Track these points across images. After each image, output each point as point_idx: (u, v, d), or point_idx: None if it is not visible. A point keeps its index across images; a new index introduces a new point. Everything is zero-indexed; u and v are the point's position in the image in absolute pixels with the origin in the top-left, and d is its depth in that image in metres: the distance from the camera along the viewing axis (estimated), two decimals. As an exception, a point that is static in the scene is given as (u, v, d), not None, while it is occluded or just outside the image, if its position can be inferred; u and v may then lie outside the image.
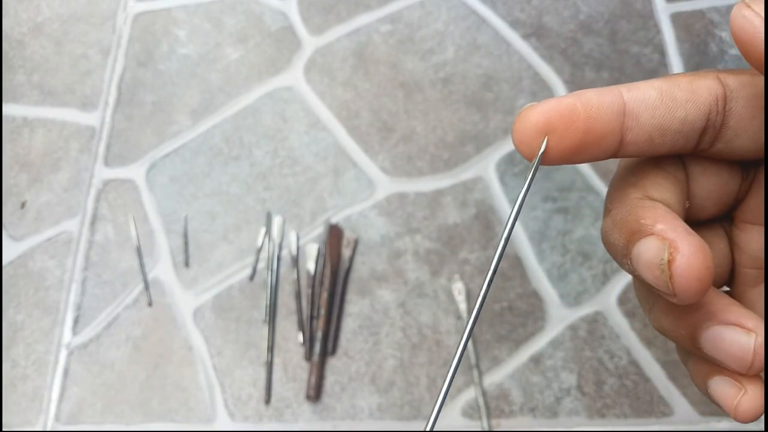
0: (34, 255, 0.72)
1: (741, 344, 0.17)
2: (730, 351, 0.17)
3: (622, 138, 0.17)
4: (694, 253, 0.15)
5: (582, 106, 0.17)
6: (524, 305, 0.66)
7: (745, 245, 0.19)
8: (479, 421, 0.62)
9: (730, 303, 0.17)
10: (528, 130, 0.17)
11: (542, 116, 0.17)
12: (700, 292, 0.16)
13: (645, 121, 0.17)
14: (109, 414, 0.65)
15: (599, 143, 0.17)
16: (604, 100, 0.17)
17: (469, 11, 0.82)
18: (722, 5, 0.80)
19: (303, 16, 0.84)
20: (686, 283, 0.15)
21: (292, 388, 0.64)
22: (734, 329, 0.17)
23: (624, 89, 0.17)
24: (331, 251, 0.68)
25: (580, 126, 0.16)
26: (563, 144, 0.17)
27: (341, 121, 0.77)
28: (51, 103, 0.81)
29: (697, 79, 0.17)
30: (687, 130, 0.17)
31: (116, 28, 0.85)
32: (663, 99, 0.17)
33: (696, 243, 0.16)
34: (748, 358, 0.16)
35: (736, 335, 0.17)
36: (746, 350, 0.16)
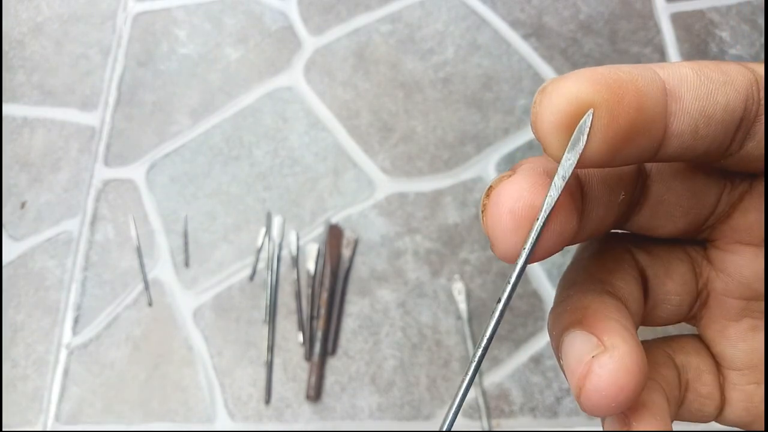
0: (34, 255, 0.72)
1: (581, 354, 0.13)
2: (569, 359, 0.14)
3: (666, 127, 0.13)
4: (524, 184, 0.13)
5: (627, 76, 0.12)
6: (524, 305, 0.66)
7: (735, 270, 0.16)
8: (479, 421, 0.62)
9: (613, 317, 0.14)
10: (564, 106, 0.12)
11: (586, 86, 0.12)
12: (512, 234, 0.13)
13: (689, 104, 0.13)
14: (109, 414, 0.65)
15: (649, 129, 0.13)
16: (645, 74, 0.13)
17: (469, 11, 0.82)
18: (722, 5, 0.80)
19: (303, 16, 0.84)
20: (497, 216, 0.13)
21: (292, 388, 0.64)
22: (589, 337, 0.13)
23: (656, 67, 0.13)
24: (331, 251, 0.68)
25: (632, 101, 0.12)
26: (613, 126, 0.12)
27: (341, 121, 0.77)
28: (51, 103, 0.81)
29: (724, 63, 0.14)
30: (729, 120, 0.13)
31: (116, 28, 0.85)
32: (701, 79, 0.13)
33: (536, 179, 0.13)
34: (578, 373, 0.13)
35: (586, 343, 0.13)
36: (580, 361, 0.13)
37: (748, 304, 0.16)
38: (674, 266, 0.17)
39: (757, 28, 0.79)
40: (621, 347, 0.13)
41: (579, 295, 0.15)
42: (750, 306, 0.16)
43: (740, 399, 0.16)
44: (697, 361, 0.17)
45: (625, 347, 0.13)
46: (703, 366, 0.16)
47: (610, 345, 0.13)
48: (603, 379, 0.13)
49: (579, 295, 0.15)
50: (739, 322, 0.16)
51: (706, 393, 0.16)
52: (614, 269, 0.16)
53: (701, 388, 0.16)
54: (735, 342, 0.16)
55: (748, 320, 0.16)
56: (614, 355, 0.13)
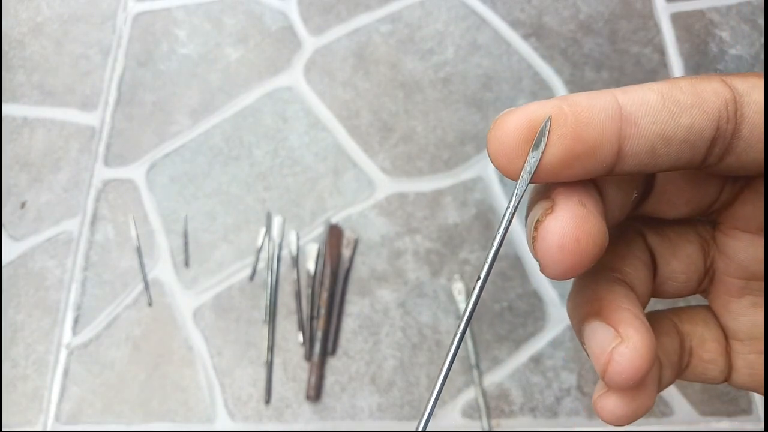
0: (34, 255, 0.72)
1: (603, 345, 0.16)
2: (593, 348, 0.16)
3: (620, 148, 0.14)
4: (568, 219, 0.14)
5: (570, 109, 0.14)
6: (524, 305, 0.66)
7: (734, 254, 0.17)
8: (479, 421, 0.62)
9: (624, 306, 0.16)
10: (507, 138, 0.14)
11: (524, 121, 0.14)
12: (563, 263, 0.14)
13: (645, 127, 0.14)
14: (109, 414, 0.65)
15: (593, 154, 0.14)
16: (595, 104, 0.14)
17: (469, 11, 0.82)
18: (722, 5, 0.80)
19: (303, 16, 0.84)
20: (547, 249, 0.14)
21: (292, 388, 0.64)
22: (607, 328, 0.16)
23: (618, 92, 0.15)
24: (331, 251, 0.68)
25: (568, 132, 0.14)
26: (549, 155, 0.14)
27: (341, 121, 0.77)
28: (51, 103, 0.81)
29: (701, 81, 0.15)
30: (694, 140, 0.14)
31: (116, 28, 0.85)
32: (665, 103, 0.14)
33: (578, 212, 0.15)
34: (602, 360, 0.15)
35: (606, 334, 0.16)
36: (603, 351, 0.15)
37: (748, 283, 0.18)
38: (681, 247, 0.18)
39: (757, 28, 0.79)
40: (634, 337, 0.15)
41: (593, 284, 0.17)
42: (750, 285, 0.18)
43: (744, 366, 0.18)
44: (702, 330, 0.19)
45: (637, 336, 0.15)
46: (707, 335, 0.19)
47: (626, 336, 0.15)
48: (622, 365, 0.15)
49: (593, 284, 0.17)
50: (740, 299, 0.18)
51: (709, 359, 0.18)
52: (625, 255, 0.18)
53: (704, 354, 0.18)
54: (736, 316, 0.18)
55: (750, 297, 0.18)
56: (629, 345, 0.15)
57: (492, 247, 0.16)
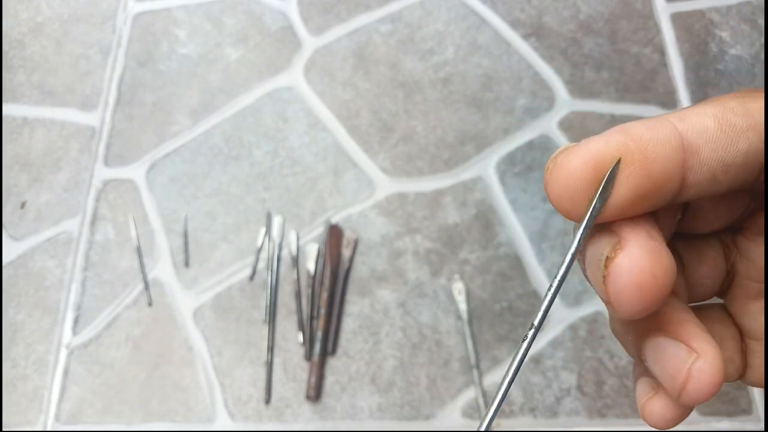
0: (34, 255, 0.72)
1: (677, 362, 0.15)
2: (666, 367, 0.15)
3: (683, 179, 0.14)
4: (642, 256, 0.13)
5: (635, 145, 0.13)
6: (524, 305, 0.66)
7: (755, 258, 0.17)
8: (479, 421, 0.62)
9: (687, 319, 0.15)
10: (572, 181, 0.13)
11: (590, 163, 0.13)
12: (640, 304, 0.13)
13: (707, 156, 0.13)
14: (109, 414, 0.65)
15: (661, 189, 0.14)
16: (659, 136, 0.13)
17: (469, 11, 0.82)
18: (722, 5, 0.80)
19: (303, 16, 0.84)
20: (622, 289, 0.13)
21: (292, 388, 0.64)
22: (677, 345, 0.15)
23: (675, 119, 0.14)
24: (331, 251, 0.68)
25: (636, 171, 0.13)
26: (618, 195, 0.13)
27: (341, 121, 0.77)
28: (51, 103, 0.81)
29: (750, 100, 0.14)
30: (751, 163, 0.14)
31: (116, 28, 0.85)
32: (722, 128, 0.14)
33: (651, 246, 0.13)
34: (680, 379, 0.15)
35: (677, 351, 0.15)
36: (679, 369, 0.15)
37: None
38: (706, 253, 0.18)
39: (757, 28, 0.79)
40: (711, 352, 0.15)
41: None
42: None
43: (759, 365, 0.18)
44: (720, 329, 0.18)
45: (712, 351, 0.15)
46: (726, 333, 0.18)
47: (702, 351, 0.15)
48: (703, 382, 0.14)
49: None
50: (758, 301, 0.18)
51: (728, 357, 0.18)
52: None
53: (724, 352, 0.18)
54: (754, 317, 0.18)
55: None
56: (708, 360, 0.15)
57: (547, 295, 0.15)
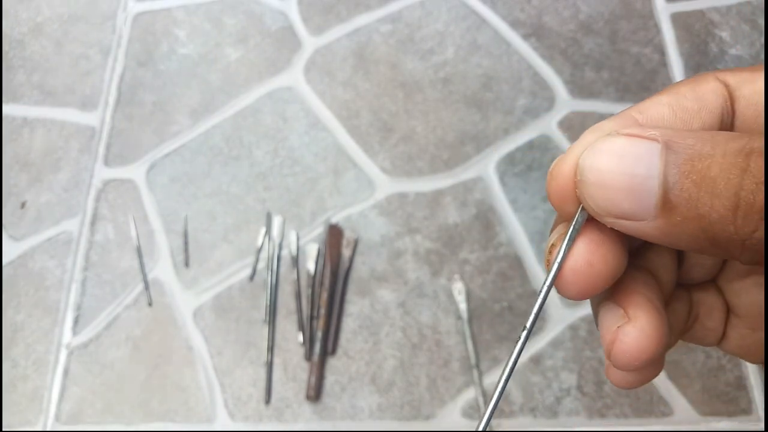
0: (34, 255, 0.72)
1: (610, 323, 0.16)
2: (602, 328, 0.16)
3: None
4: (581, 246, 0.15)
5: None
6: (524, 305, 0.66)
7: None
8: (479, 421, 0.62)
9: (639, 291, 0.17)
10: (567, 188, 0.15)
11: (574, 168, 0.15)
12: (576, 286, 0.15)
13: None
14: (109, 414, 0.65)
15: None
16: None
17: (469, 11, 0.82)
18: (722, 5, 0.80)
19: (303, 16, 0.84)
20: (561, 272, 0.15)
21: (292, 388, 0.64)
22: (617, 309, 0.16)
23: (635, 113, 0.16)
24: (331, 251, 0.68)
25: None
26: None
27: (341, 121, 0.77)
28: (51, 103, 0.81)
29: (699, 84, 0.16)
30: None
31: (116, 28, 0.85)
32: (676, 113, 0.15)
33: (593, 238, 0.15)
34: (608, 339, 0.16)
35: (615, 314, 0.16)
36: (609, 330, 0.16)
37: (754, 266, 0.18)
38: None
39: (757, 28, 0.79)
40: (642, 317, 0.16)
41: None
42: (755, 268, 0.19)
43: (736, 337, 0.19)
44: (712, 300, 0.19)
45: (645, 317, 0.16)
46: (716, 305, 0.19)
47: (633, 315, 0.16)
48: (626, 344, 0.15)
49: None
50: (744, 279, 0.19)
51: (712, 327, 0.19)
52: (650, 243, 0.18)
53: (708, 322, 0.19)
54: (739, 293, 0.19)
55: (755, 277, 0.19)
56: (636, 325, 0.15)
57: (537, 302, 0.16)
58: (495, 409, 0.17)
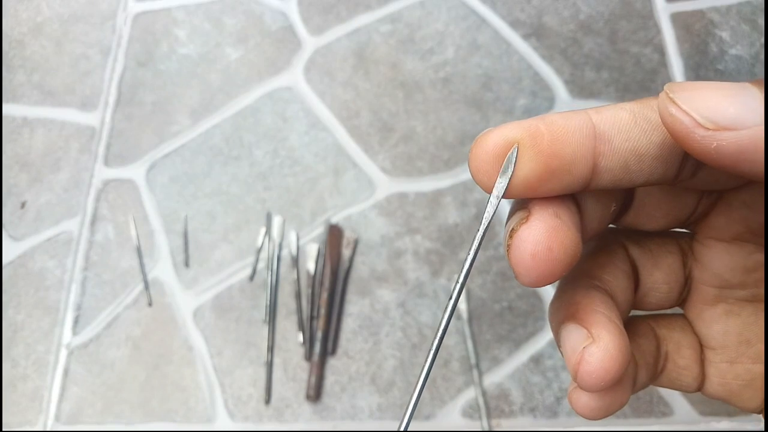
0: (34, 255, 0.72)
1: (575, 345, 0.16)
2: (566, 349, 0.16)
3: (594, 165, 0.15)
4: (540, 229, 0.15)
5: (546, 127, 0.15)
6: (524, 305, 0.66)
7: (709, 262, 0.18)
8: (479, 421, 0.62)
9: (600, 311, 0.17)
10: (487, 156, 0.15)
11: (501, 139, 0.15)
12: (535, 272, 0.15)
13: (619, 145, 0.15)
14: (109, 414, 0.65)
15: (569, 170, 0.15)
16: (570, 123, 0.15)
17: (469, 11, 0.82)
18: (722, 5, 0.80)
19: (303, 16, 0.84)
20: (520, 257, 0.15)
21: (292, 388, 0.64)
22: (580, 330, 0.16)
23: (592, 112, 0.15)
24: (331, 251, 0.68)
25: (545, 149, 0.15)
26: (528, 170, 0.15)
27: (341, 121, 0.77)
28: (51, 103, 0.81)
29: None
30: (666, 156, 0.15)
31: (116, 28, 0.85)
32: (637, 121, 0.15)
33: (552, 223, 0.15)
34: (573, 361, 0.16)
35: (578, 335, 0.16)
36: (574, 351, 0.16)
37: (722, 291, 0.18)
38: (662, 258, 0.19)
39: (757, 28, 0.79)
40: (605, 338, 0.16)
41: (571, 290, 0.18)
42: (724, 293, 0.18)
43: (716, 375, 0.18)
44: (679, 336, 0.19)
45: (608, 337, 0.16)
46: (683, 341, 0.19)
47: (597, 336, 0.16)
48: (592, 365, 0.15)
49: (571, 290, 0.18)
50: (714, 307, 0.18)
51: (684, 365, 0.19)
52: (605, 264, 0.19)
53: (679, 360, 0.19)
54: (710, 324, 0.18)
55: (723, 305, 0.18)
56: (600, 345, 0.16)
57: (464, 266, 0.16)
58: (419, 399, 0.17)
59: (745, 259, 0.17)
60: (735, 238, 0.17)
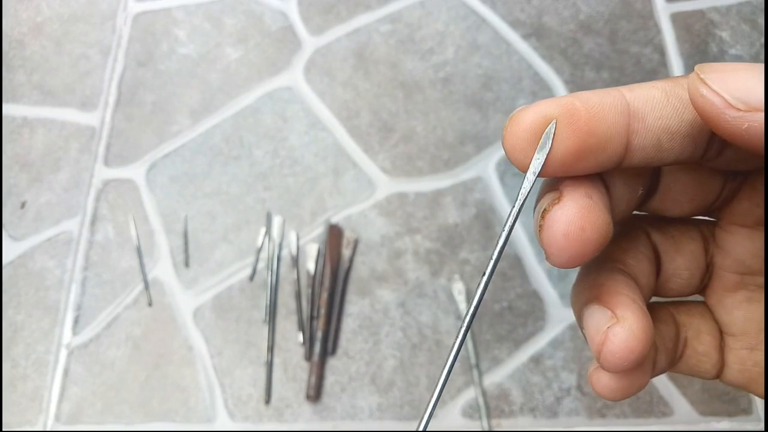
0: (34, 255, 0.72)
1: (599, 325, 0.16)
2: (590, 330, 0.16)
3: (628, 142, 0.15)
4: (574, 209, 0.15)
5: (582, 105, 0.15)
6: (524, 305, 0.66)
7: (731, 248, 0.18)
8: (479, 421, 0.62)
9: (624, 293, 0.17)
10: (523, 133, 0.15)
11: (539, 116, 0.15)
12: (567, 252, 0.15)
13: (652, 123, 0.15)
14: (109, 414, 0.65)
15: (604, 147, 0.15)
16: (605, 100, 0.15)
17: (469, 11, 0.82)
18: (722, 5, 0.80)
19: (303, 16, 0.84)
20: (552, 237, 0.15)
21: (292, 388, 0.64)
22: (604, 311, 0.16)
23: (625, 90, 0.15)
24: (331, 251, 0.68)
25: (582, 126, 0.15)
26: (564, 147, 0.15)
27: (341, 121, 0.77)
28: (51, 103, 0.81)
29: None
30: (696, 134, 0.15)
31: (116, 28, 0.85)
32: (669, 99, 0.15)
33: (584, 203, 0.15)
34: (597, 341, 0.16)
35: (602, 316, 0.16)
36: (598, 332, 0.16)
37: (743, 278, 0.18)
38: (684, 244, 0.19)
39: (757, 28, 0.79)
40: (630, 318, 0.16)
41: (595, 273, 0.18)
42: (745, 280, 0.18)
43: (735, 362, 0.18)
44: (698, 323, 0.19)
45: (633, 318, 0.16)
46: (703, 327, 0.19)
47: (622, 317, 0.16)
48: (616, 344, 0.15)
49: (595, 273, 0.18)
50: (735, 293, 0.18)
51: (703, 351, 0.19)
52: (628, 249, 0.19)
53: (699, 346, 0.19)
54: (731, 310, 0.18)
55: (744, 292, 0.18)
56: (624, 325, 0.16)
57: (498, 243, 0.16)
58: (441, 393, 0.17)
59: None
60: (758, 222, 0.17)
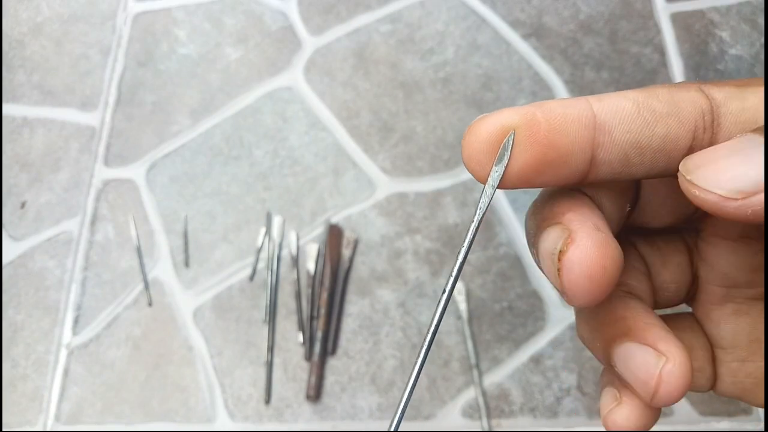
0: (34, 255, 0.72)
1: (648, 367, 0.15)
2: (637, 373, 0.15)
3: (593, 156, 0.14)
4: (591, 248, 0.14)
5: (543, 116, 0.14)
6: (524, 305, 0.66)
7: (715, 262, 0.18)
8: (479, 421, 0.62)
9: (653, 323, 0.16)
10: (480, 144, 0.14)
11: (496, 126, 0.14)
12: (592, 293, 0.14)
13: (619, 136, 0.14)
14: (109, 414, 0.65)
15: (566, 161, 0.14)
16: (569, 111, 0.14)
17: (469, 11, 0.82)
18: (722, 5, 0.80)
19: (303, 16, 0.84)
20: (575, 280, 0.14)
21: (292, 388, 0.64)
22: (646, 349, 0.15)
23: (593, 100, 0.14)
24: (331, 251, 0.68)
25: (542, 139, 0.14)
26: (521, 160, 0.14)
27: (341, 121, 0.77)
28: (51, 103, 0.81)
29: (678, 90, 0.14)
30: (670, 149, 0.14)
31: (116, 28, 0.85)
32: (640, 111, 0.14)
33: (599, 239, 0.14)
34: (651, 384, 0.15)
35: (647, 356, 0.15)
36: (650, 374, 0.15)
37: (729, 291, 0.18)
38: (670, 256, 0.18)
39: (757, 28, 0.79)
40: (678, 355, 0.15)
41: (607, 304, 0.16)
42: (731, 293, 0.18)
43: (727, 374, 0.18)
44: (690, 337, 0.18)
45: (679, 353, 0.15)
46: (695, 342, 0.18)
47: (670, 354, 0.15)
48: (673, 385, 0.15)
49: (607, 304, 0.16)
50: (722, 307, 0.18)
51: (697, 367, 0.18)
52: (626, 268, 0.18)
53: (693, 362, 0.18)
54: (719, 324, 0.18)
55: (731, 305, 0.18)
56: (676, 363, 0.15)
57: (457, 260, 0.15)
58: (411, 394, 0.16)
59: (751, 257, 0.17)
60: (741, 236, 0.17)
